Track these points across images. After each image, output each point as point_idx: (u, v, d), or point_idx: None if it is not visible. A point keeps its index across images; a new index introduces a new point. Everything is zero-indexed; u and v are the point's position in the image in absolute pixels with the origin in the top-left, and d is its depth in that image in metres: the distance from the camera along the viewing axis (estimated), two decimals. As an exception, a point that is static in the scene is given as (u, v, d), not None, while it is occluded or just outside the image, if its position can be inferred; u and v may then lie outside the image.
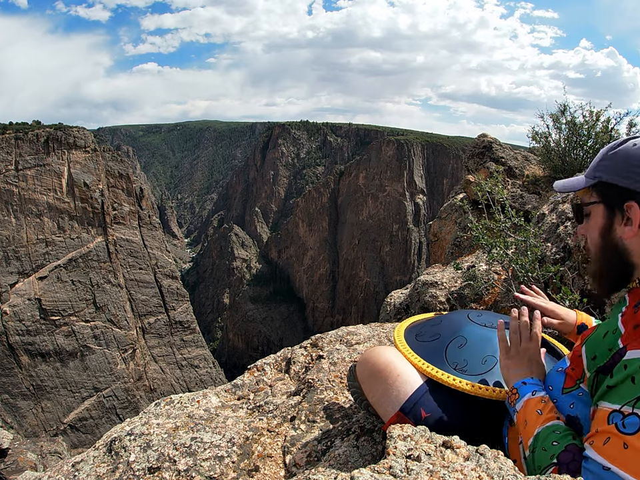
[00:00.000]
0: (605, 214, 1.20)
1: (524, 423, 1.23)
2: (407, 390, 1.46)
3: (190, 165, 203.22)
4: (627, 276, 1.20)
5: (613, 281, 1.23)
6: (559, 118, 5.66)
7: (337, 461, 1.63)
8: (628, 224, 1.15)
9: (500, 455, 1.11)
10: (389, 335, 2.88)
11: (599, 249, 1.24)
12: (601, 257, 1.24)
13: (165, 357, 57.71)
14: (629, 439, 0.94)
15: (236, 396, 2.33)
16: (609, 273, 1.23)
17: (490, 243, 3.32)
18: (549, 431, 1.16)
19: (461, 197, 6.44)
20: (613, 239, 1.19)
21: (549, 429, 1.16)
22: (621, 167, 1.16)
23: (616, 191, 1.16)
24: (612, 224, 1.19)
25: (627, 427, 0.95)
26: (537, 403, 1.24)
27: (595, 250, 1.26)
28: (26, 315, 47.83)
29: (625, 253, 1.17)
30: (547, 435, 1.15)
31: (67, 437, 44.08)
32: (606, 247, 1.21)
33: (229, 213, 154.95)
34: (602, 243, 1.22)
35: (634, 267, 1.18)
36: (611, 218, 1.19)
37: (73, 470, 1.83)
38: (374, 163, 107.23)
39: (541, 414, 1.21)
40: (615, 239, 1.18)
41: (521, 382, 1.33)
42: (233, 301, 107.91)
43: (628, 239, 1.15)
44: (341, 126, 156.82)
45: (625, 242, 1.16)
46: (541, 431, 1.17)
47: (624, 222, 1.15)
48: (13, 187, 48.98)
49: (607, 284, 1.25)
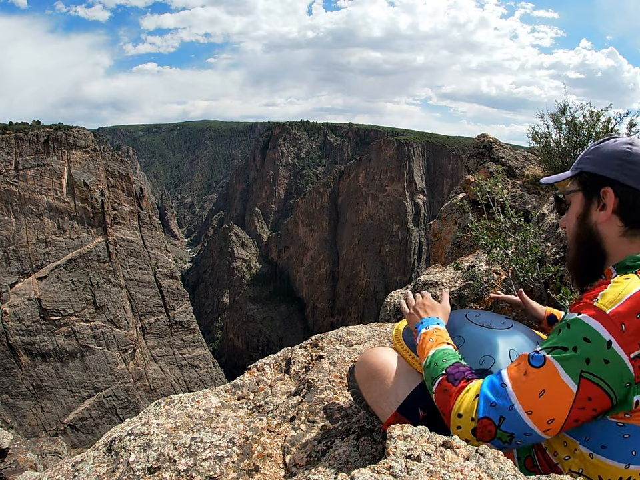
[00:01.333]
0: (582, 201, 1.29)
1: (421, 351, 1.40)
2: (405, 390, 1.46)
3: (190, 165, 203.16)
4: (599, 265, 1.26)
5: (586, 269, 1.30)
6: (559, 118, 5.66)
7: (337, 461, 1.63)
8: (603, 209, 1.23)
9: (500, 455, 1.11)
10: (389, 335, 2.88)
11: (574, 236, 1.32)
12: (576, 243, 1.32)
13: (165, 357, 57.70)
14: (530, 369, 1.11)
15: (236, 396, 2.33)
16: (583, 261, 1.30)
17: (490, 242, 3.32)
18: (439, 352, 1.33)
19: (460, 197, 6.44)
20: (588, 224, 1.27)
21: (438, 351, 1.34)
22: (601, 159, 1.25)
23: (595, 179, 1.25)
24: (589, 210, 1.27)
25: (534, 359, 1.11)
26: (430, 334, 1.42)
27: (572, 237, 1.34)
28: (26, 315, 47.81)
29: (599, 239, 1.25)
30: (438, 355, 1.33)
31: (67, 437, 44.10)
32: (581, 233, 1.29)
33: (228, 212, 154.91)
34: (578, 230, 1.30)
35: (606, 255, 1.24)
36: (588, 204, 1.27)
37: (72, 470, 1.84)
38: (374, 163, 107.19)
39: (432, 341, 1.38)
40: (590, 224, 1.26)
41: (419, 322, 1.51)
42: (232, 301, 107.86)
43: (602, 223, 1.23)
44: (341, 126, 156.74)
45: (599, 227, 1.24)
46: (434, 353, 1.34)
47: (599, 207, 1.24)
48: (13, 187, 48.95)
49: (581, 272, 1.32)
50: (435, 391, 1.26)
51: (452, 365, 1.27)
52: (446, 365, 1.28)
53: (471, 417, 1.14)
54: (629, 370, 1.02)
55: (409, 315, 1.59)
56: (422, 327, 1.47)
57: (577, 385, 1.04)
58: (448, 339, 1.41)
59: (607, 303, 1.06)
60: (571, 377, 1.05)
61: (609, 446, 1.10)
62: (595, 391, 1.04)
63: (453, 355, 1.32)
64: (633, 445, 1.08)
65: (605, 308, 1.05)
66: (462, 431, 1.16)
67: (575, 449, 1.16)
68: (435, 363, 1.31)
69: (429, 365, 1.32)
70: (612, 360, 1.02)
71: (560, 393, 1.06)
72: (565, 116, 5.60)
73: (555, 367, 1.06)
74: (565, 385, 1.05)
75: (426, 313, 1.54)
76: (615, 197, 1.20)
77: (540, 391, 1.07)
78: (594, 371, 1.03)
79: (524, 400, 1.09)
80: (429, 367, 1.32)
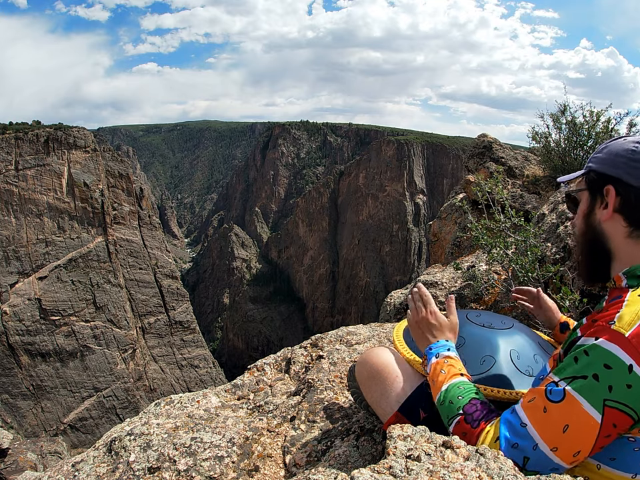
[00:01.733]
0: (588, 199, 1.28)
1: (432, 382, 1.35)
2: (405, 390, 1.46)
3: (190, 165, 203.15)
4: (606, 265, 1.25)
5: (593, 267, 1.29)
6: (559, 118, 5.66)
7: (337, 461, 1.63)
8: (606, 207, 1.22)
9: (500, 455, 1.11)
10: (389, 335, 2.88)
11: (581, 234, 1.31)
12: (582, 242, 1.31)
13: (165, 357, 57.69)
14: (550, 405, 1.05)
15: (236, 396, 2.33)
16: (588, 259, 1.29)
17: (490, 242, 3.32)
18: (454, 386, 1.28)
19: (460, 197, 6.44)
20: (592, 223, 1.26)
21: (453, 385, 1.28)
22: (607, 158, 1.24)
23: (600, 177, 1.24)
24: (593, 208, 1.26)
25: (553, 394, 1.06)
26: (441, 364, 1.36)
27: (578, 235, 1.33)
28: (26, 315, 47.81)
29: (603, 238, 1.24)
30: (452, 390, 1.27)
31: (67, 437, 44.10)
32: (586, 231, 1.28)
33: (228, 213, 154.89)
34: (584, 228, 1.29)
35: (612, 255, 1.23)
36: (592, 203, 1.27)
37: (72, 470, 1.84)
38: (374, 163, 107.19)
39: (444, 373, 1.32)
40: (594, 222, 1.25)
41: (428, 348, 1.43)
42: (232, 301, 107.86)
43: (604, 221, 1.22)
44: (341, 126, 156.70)
45: (602, 225, 1.23)
46: (445, 388, 1.29)
47: (602, 205, 1.23)
48: (13, 187, 48.95)
49: (586, 271, 1.31)
50: (452, 431, 1.23)
51: (468, 403, 1.23)
52: (462, 403, 1.23)
53: None
54: None
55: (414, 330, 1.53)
56: (431, 356, 1.40)
57: (601, 415, 1.00)
58: (461, 368, 1.36)
59: (624, 325, 1.02)
60: (595, 407, 1.00)
61: (618, 458, 1.09)
62: (619, 417, 1.01)
63: (468, 389, 1.27)
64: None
65: (624, 331, 1.01)
66: None
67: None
68: (449, 400, 1.26)
69: (444, 402, 1.27)
70: (634, 384, 0.99)
71: (585, 425, 1.01)
72: (564, 116, 5.60)
73: (577, 400, 1.02)
74: (589, 416, 1.01)
75: (433, 335, 1.47)
76: (616, 195, 1.19)
77: (563, 426, 1.03)
78: (617, 398, 1.00)
79: (548, 438, 1.05)
80: (443, 403, 1.27)
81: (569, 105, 5.57)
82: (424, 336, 1.48)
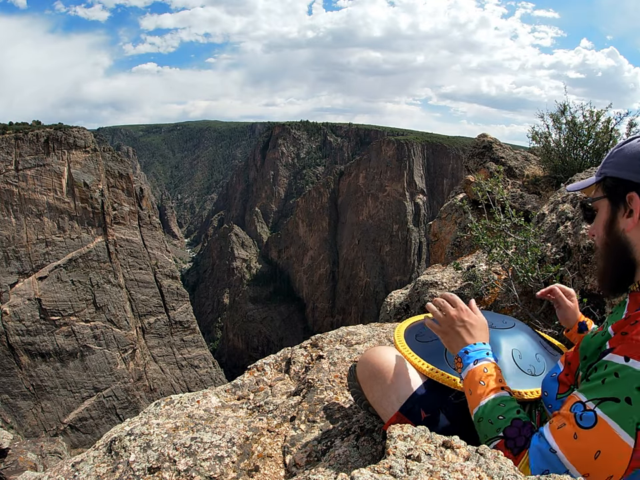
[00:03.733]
0: (608, 208, 1.21)
1: (469, 392, 1.27)
2: (406, 390, 1.45)
3: (190, 165, 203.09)
4: (629, 274, 1.19)
5: (615, 279, 1.22)
6: (559, 118, 5.66)
7: (337, 461, 1.63)
8: (630, 215, 1.15)
9: (500, 455, 1.11)
10: (389, 335, 2.88)
11: (603, 245, 1.24)
12: (604, 252, 1.24)
13: (165, 357, 57.67)
14: (581, 432, 1.01)
15: (236, 396, 2.33)
16: (612, 270, 1.22)
17: (490, 242, 3.32)
18: (495, 403, 1.20)
19: (460, 196, 6.44)
20: (615, 233, 1.19)
21: (494, 402, 1.20)
22: (624, 162, 1.17)
23: (620, 184, 1.17)
24: (615, 217, 1.19)
25: (584, 420, 1.01)
26: (479, 373, 1.26)
27: (600, 246, 1.26)
28: (26, 314, 47.79)
29: (627, 247, 1.17)
30: (492, 407, 1.20)
31: (67, 437, 44.08)
32: (609, 241, 1.21)
33: (229, 213, 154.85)
34: (606, 238, 1.22)
35: (636, 264, 1.17)
36: (614, 211, 1.19)
37: (72, 470, 1.83)
38: (374, 163, 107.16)
39: (484, 384, 1.24)
40: (618, 232, 1.18)
41: (463, 350, 1.33)
42: (232, 301, 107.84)
43: (629, 230, 1.16)
44: (341, 126, 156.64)
45: (627, 234, 1.17)
46: (487, 403, 1.21)
47: (626, 214, 1.16)
48: (13, 187, 48.93)
49: (610, 282, 1.24)
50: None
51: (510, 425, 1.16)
52: (503, 425, 1.16)
53: None
54: None
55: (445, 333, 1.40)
56: (469, 362, 1.30)
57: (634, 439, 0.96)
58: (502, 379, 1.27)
59: None
60: (627, 432, 0.96)
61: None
62: None
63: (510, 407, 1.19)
64: None
65: None
66: None
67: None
68: (489, 419, 1.19)
69: (482, 419, 1.21)
70: None
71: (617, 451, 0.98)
72: (564, 116, 5.60)
73: (609, 426, 0.98)
74: (621, 442, 0.97)
75: (470, 335, 1.36)
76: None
77: (595, 452, 0.99)
78: None
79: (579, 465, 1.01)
80: (481, 420, 1.21)
81: (569, 105, 5.58)
82: (458, 336, 1.36)
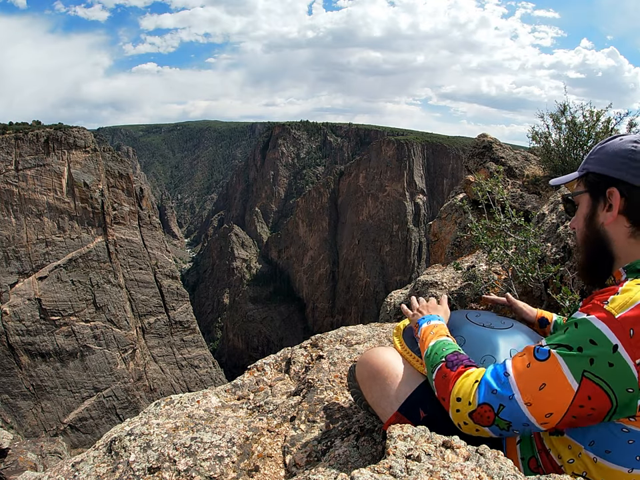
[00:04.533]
0: (589, 202, 1.27)
1: (422, 342, 1.46)
2: (405, 390, 1.46)
3: (190, 165, 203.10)
4: (607, 267, 1.26)
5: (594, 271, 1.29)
6: (559, 118, 5.66)
7: (337, 461, 1.63)
8: (609, 210, 1.21)
9: (500, 455, 1.12)
10: (389, 335, 2.88)
11: (583, 238, 1.31)
12: (584, 245, 1.30)
13: (165, 357, 57.68)
14: (534, 362, 1.12)
15: (236, 396, 2.33)
16: (591, 263, 1.29)
17: (490, 242, 3.32)
18: (439, 343, 1.39)
19: (460, 196, 6.44)
20: (595, 226, 1.25)
21: (438, 342, 1.39)
22: (606, 159, 1.23)
23: (601, 179, 1.23)
24: (595, 211, 1.25)
25: (539, 353, 1.12)
26: (431, 327, 1.49)
27: (580, 239, 1.32)
28: (26, 315, 47.79)
29: (606, 241, 1.23)
30: (437, 345, 1.38)
31: (67, 437, 44.09)
32: (589, 234, 1.28)
33: (229, 213, 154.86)
34: (586, 231, 1.29)
35: (614, 257, 1.23)
36: (595, 206, 1.25)
37: (72, 470, 1.83)
38: (374, 163, 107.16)
39: (433, 334, 1.44)
40: (597, 225, 1.25)
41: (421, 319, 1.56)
42: (233, 301, 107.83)
43: (608, 224, 1.22)
44: (341, 126, 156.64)
45: (605, 228, 1.23)
46: (435, 343, 1.39)
47: (606, 208, 1.22)
48: (13, 187, 48.92)
49: (588, 274, 1.32)
50: (434, 378, 1.30)
51: (451, 353, 1.31)
52: (445, 353, 1.32)
53: (468, 401, 1.17)
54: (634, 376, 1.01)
55: (412, 315, 1.64)
56: (423, 322, 1.53)
57: (578, 384, 1.05)
58: (448, 333, 1.46)
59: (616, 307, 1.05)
60: (574, 375, 1.05)
61: (613, 451, 1.10)
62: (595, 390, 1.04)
63: (453, 345, 1.37)
64: (637, 450, 1.08)
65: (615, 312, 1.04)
66: (460, 414, 1.19)
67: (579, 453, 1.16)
68: (435, 352, 1.35)
69: (429, 355, 1.36)
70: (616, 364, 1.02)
71: (560, 388, 1.07)
72: (564, 116, 5.60)
73: (559, 363, 1.07)
74: (566, 381, 1.06)
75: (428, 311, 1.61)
76: (620, 197, 1.18)
77: (541, 384, 1.09)
78: (597, 372, 1.03)
79: (524, 391, 1.10)
80: (429, 356, 1.36)
81: (568, 105, 5.58)
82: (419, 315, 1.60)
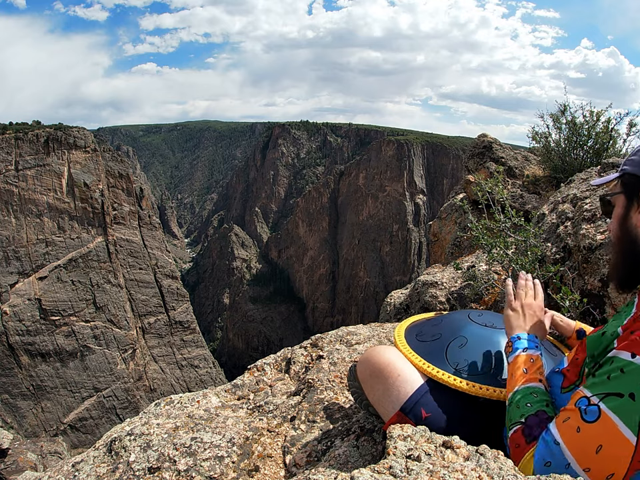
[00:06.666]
0: (624, 203, 1.23)
1: (511, 376, 1.32)
2: (407, 390, 1.45)
3: (190, 165, 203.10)
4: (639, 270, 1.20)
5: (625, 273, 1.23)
6: (559, 118, 5.65)
7: (337, 461, 1.63)
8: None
9: (500, 455, 1.11)
10: (389, 335, 2.88)
11: (616, 239, 1.26)
12: (617, 247, 1.26)
13: (165, 357, 57.68)
14: (584, 425, 1.02)
15: (236, 396, 2.33)
16: (622, 265, 1.24)
17: (490, 242, 3.32)
18: (528, 391, 1.24)
19: (460, 196, 6.43)
20: (628, 227, 1.21)
21: (528, 389, 1.24)
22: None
23: (636, 180, 1.19)
24: (629, 212, 1.21)
25: (588, 414, 1.03)
26: (525, 361, 1.32)
27: (614, 240, 1.28)
28: (26, 315, 47.80)
29: (638, 242, 1.19)
30: (524, 394, 1.24)
31: (67, 437, 44.09)
32: (621, 236, 1.23)
33: (228, 213, 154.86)
34: (619, 233, 1.24)
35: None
36: (628, 207, 1.22)
37: (72, 470, 1.83)
38: (374, 163, 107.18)
39: (525, 372, 1.29)
40: (630, 227, 1.20)
41: (517, 336, 1.40)
42: (233, 301, 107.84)
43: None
44: (341, 126, 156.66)
45: (638, 230, 1.18)
46: (520, 389, 1.25)
47: (639, 210, 1.18)
48: (13, 187, 48.94)
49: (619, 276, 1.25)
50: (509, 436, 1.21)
51: (534, 414, 1.19)
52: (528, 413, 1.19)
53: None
54: None
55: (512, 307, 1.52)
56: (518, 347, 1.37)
57: (636, 437, 0.96)
58: (542, 372, 1.32)
59: None
60: (630, 428, 0.96)
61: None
62: None
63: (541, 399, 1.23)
64: None
65: None
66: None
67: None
68: (517, 404, 1.23)
69: (511, 403, 1.25)
70: None
71: (619, 447, 0.97)
72: (565, 116, 5.59)
73: (612, 420, 0.98)
74: (623, 438, 0.97)
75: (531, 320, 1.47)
76: None
77: (597, 447, 0.99)
78: None
79: (580, 458, 1.02)
80: (511, 404, 1.25)
81: (569, 105, 5.56)
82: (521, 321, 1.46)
